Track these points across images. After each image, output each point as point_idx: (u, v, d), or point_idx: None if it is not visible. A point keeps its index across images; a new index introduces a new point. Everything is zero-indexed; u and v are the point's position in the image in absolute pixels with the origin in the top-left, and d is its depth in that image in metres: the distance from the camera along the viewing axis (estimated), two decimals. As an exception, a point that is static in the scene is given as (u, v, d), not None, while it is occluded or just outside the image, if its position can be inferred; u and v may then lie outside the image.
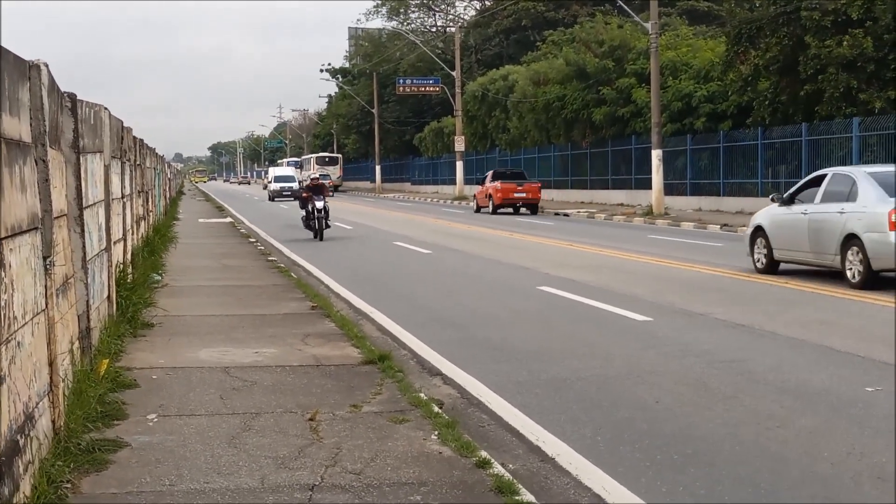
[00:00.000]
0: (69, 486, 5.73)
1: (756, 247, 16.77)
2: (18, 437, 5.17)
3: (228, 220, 38.13)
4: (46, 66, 6.34)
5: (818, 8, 29.81)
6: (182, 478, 5.97)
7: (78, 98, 8.22)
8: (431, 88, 67.88)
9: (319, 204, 26.10)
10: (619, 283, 15.60)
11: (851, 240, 14.23)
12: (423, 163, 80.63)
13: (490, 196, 40.77)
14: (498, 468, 6.16)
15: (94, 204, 9.59)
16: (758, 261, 16.65)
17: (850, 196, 14.53)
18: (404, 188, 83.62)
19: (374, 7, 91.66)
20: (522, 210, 40.66)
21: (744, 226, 27.82)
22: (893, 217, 13.61)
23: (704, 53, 40.06)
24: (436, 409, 7.62)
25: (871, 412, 7.52)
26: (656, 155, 34.69)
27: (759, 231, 16.69)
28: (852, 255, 14.21)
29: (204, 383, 8.54)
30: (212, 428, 7.07)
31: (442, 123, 73.44)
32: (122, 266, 12.80)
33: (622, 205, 43.07)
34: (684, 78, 38.97)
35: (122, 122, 13.75)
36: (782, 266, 16.42)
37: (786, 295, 13.98)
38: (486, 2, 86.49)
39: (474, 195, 44.68)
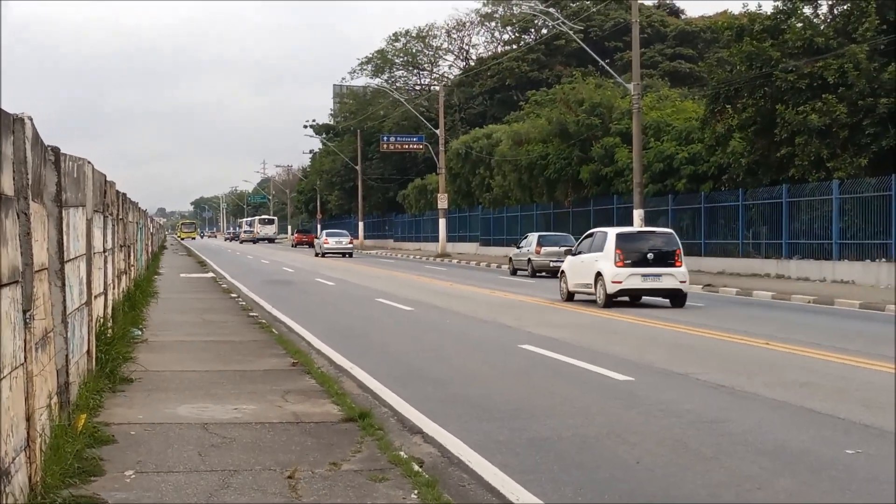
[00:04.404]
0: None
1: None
2: (-7, 493, 5.11)
3: (210, 275, 38.02)
4: (31, 119, 6.36)
5: (794, 71, 30.18)
6: (158, 536, 5.90)
7: (61, 152, 8.23)
8: (415, 146, 68.39)
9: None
10: (601, 343, 15.61)
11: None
12: (406, 220, 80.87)
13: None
14: (478, 528, 6.11)
15: (76, 258, 9.57)
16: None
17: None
18: (387, 245, 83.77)
19: (359, 65, 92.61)
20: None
21: (726, 286, 28.07)
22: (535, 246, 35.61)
23: (687, 114, 40.49)
24: (416, 467, 7.57)
25: (852, 475, 7.51)
26: (638, 215, 34.88)
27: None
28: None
29: (182, 440, 8.47)
30: (189, 485, 7.00)
31: (426, 181, 73.83)
32: (102, 320, 12.74)
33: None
34: (666, 139, 39.34)
35: (105, 176, 13.75)
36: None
37: (767, 356, 14.02)
38: (471, 61, 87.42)
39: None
